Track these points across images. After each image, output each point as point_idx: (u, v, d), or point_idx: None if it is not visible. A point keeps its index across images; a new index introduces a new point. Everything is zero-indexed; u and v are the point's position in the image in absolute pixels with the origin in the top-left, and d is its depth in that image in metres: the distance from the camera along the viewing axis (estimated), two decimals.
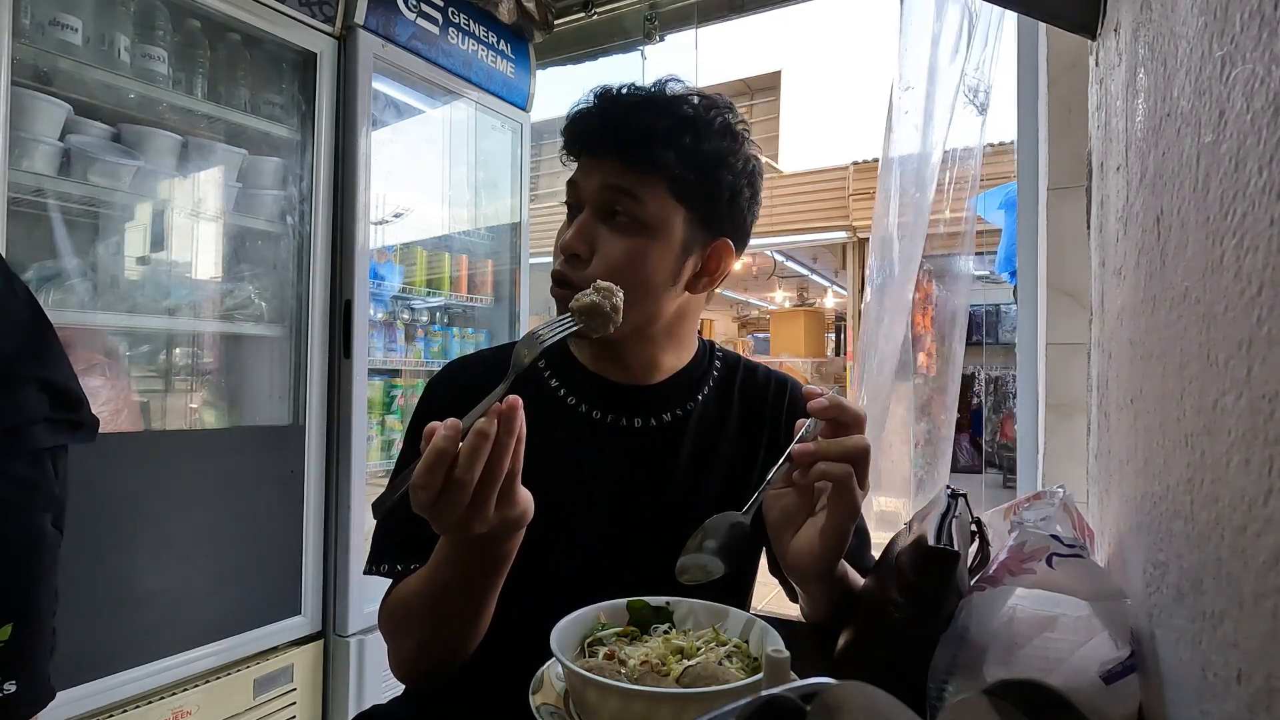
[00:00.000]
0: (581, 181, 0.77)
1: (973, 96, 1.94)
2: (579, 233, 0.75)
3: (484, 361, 0.86)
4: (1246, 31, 0.29)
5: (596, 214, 0.76)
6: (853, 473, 0.59)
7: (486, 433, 0.53)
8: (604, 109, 0.77)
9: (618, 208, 0.75)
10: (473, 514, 0.55)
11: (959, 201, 2.25)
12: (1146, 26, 0.49)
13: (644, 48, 2.79)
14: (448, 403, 0.77)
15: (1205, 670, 0.33)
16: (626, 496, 0.78)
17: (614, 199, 0.75)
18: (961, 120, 1.99)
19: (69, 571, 1.39)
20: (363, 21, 1.90)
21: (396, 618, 0.72)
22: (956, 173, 2.18)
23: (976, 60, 1.92)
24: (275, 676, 1.76)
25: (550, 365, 0.84)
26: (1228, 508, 0.30)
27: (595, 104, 0.78)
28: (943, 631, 0.51)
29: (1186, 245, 0.38)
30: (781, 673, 0.41)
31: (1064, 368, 1.29)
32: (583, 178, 0.77)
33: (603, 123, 0.76)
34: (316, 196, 1.86)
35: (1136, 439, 0.51)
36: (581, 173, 0.77)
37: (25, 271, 1.47)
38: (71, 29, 1.48)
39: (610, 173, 0.75)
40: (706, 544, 0.59)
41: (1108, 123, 0.70)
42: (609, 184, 0.75)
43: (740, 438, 0.83)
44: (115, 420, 1.54)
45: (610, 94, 0.78)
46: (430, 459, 0.53)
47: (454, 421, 0.54)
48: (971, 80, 1.93)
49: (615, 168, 0.74)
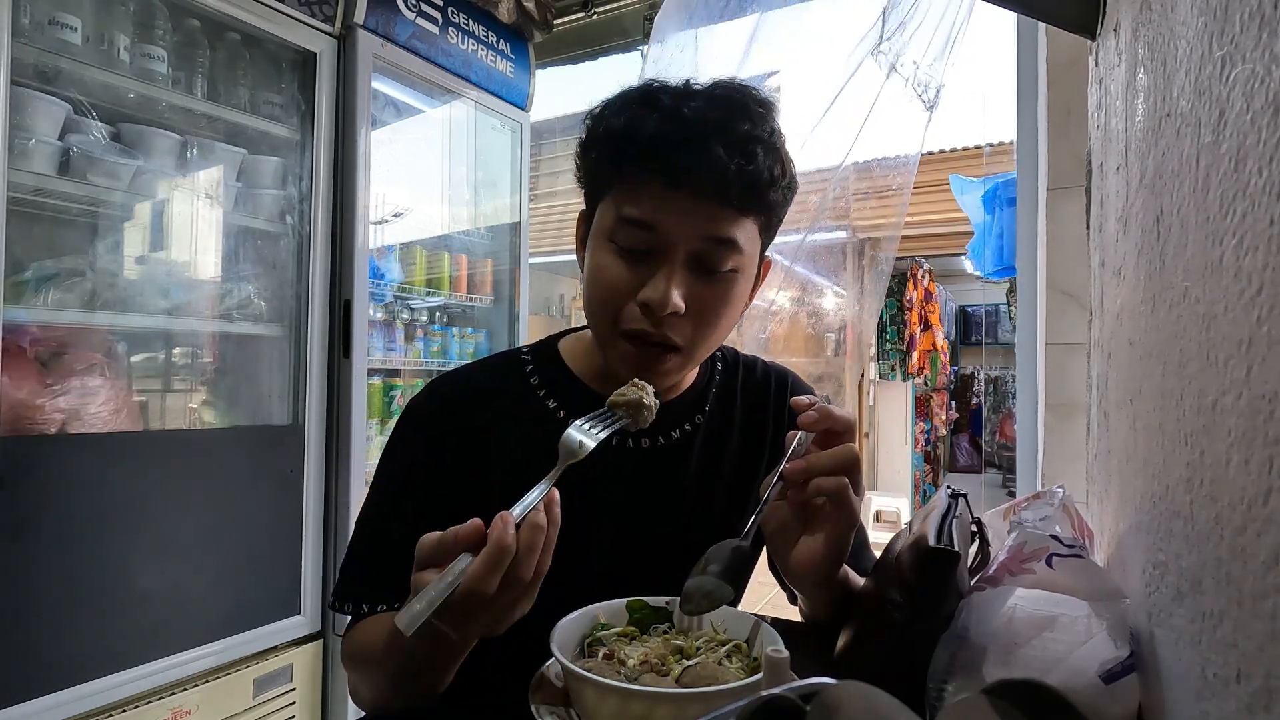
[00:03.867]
0: (669, 227, 0.64)
1: (920, 92, 1.92)
2: (682, 291, 0.65)
3: (469, 381, 0.78)
4: (1246, 31, 0.29)
5: (689, 263, 0.66)
6: (847, 484, 0.59)
7: (542, 527, 0.50)
8: (710, 136, 0.63)
9: (722, 264, 0.66)
10: (510, 613, 0.52)
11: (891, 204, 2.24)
12: (1146, 26, 0.49)
13: (643, 48, 2.79)
14: (437, 437, 0.73)
15: (1205, 670, 0.33)
16: (634, 519, 0.75)
17: (716, 252, 0.66)
18: (904, 118, 1.97)
19: (69, 571, 1.40)
20: (362, 21, 1.90)
21: (357, 660, 0.68)
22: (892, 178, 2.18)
23: (930, 55, 1.89)
24: (275, 676, 1.76)
25: (547, 385, 0.77)
26: (1227, 507, 0.30)
27: (692, 126, 0.63)
28: (942, 632, 0.51)
29: (1186, 245, 0.38)
30: (781, 673, 0.41)
31: (1063, 368, 1.29)
32: (675, 223, 0.64)
33: (710, 160, 0.63)
34: (316, 196, 1.86)
35: (1136, 439, 0.51)
36: (671, 215, 0.64)
37: (25, 271, 1.47)
38: (71, 28, 1.48)
39: (713, 222, 0.64)
40: (710, 569, 0.57)
41: (1107, 123, 0.70)
42: (712, 235, 0.65)
43: (745, 444, 0.81)
44: (115, 420, 1.54)
45: (706, 115, 0.64)
46: (493, 557, 0.48)
47: (507, 515, 0.50)
48: (924, 76, 1.90)
49: (719, 215, 0.65)
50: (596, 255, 0.69)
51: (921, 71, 1.88)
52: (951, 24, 1.90)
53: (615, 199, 0.67)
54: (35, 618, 1.35)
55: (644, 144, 0.64)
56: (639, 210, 0.65)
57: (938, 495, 0.64)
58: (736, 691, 0.48)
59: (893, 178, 2.22)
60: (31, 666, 1.34)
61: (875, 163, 2.22)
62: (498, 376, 0.78)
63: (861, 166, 2.16)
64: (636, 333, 0.67)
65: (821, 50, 2.07)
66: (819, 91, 2.02)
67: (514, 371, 0.79)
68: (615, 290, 0.67)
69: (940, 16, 1.88)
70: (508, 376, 0.78)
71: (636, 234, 0.65)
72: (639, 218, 0.65)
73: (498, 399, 0.76)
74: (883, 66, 1.88)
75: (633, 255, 0.66)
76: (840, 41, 1.98)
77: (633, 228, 0.65)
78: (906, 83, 1.88)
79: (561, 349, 0.81)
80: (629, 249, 0.66)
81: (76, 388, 1.48)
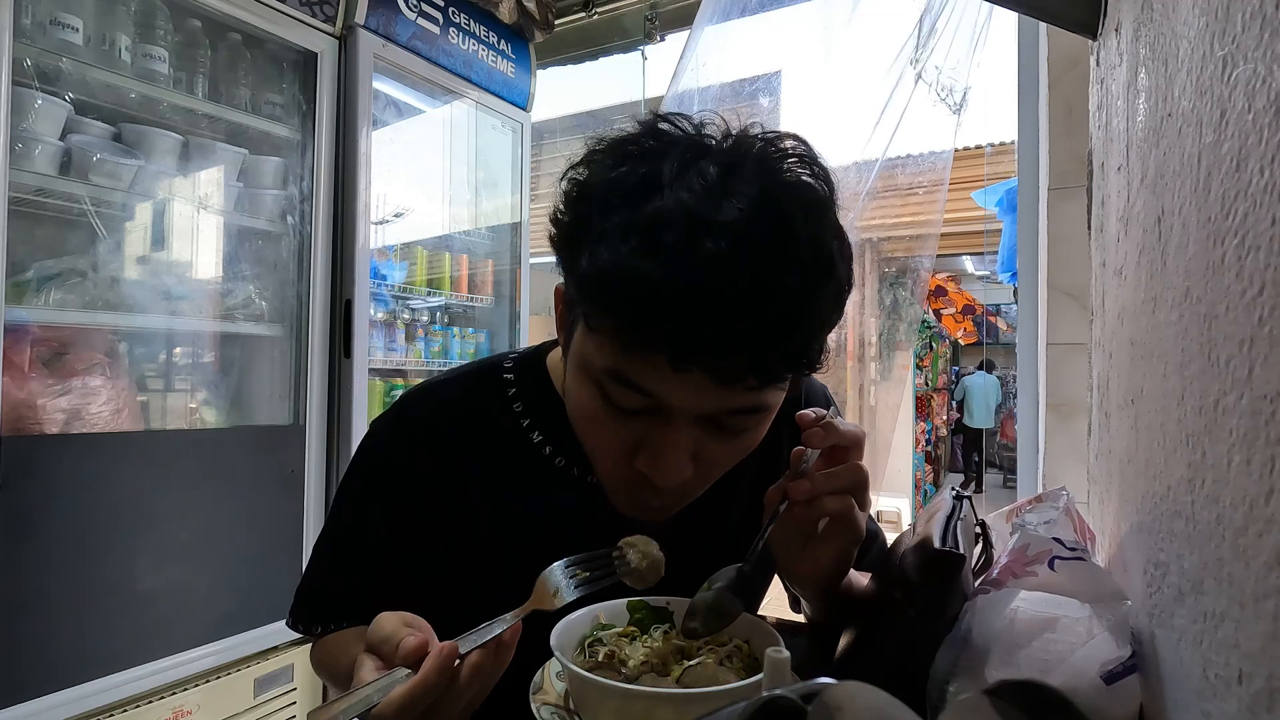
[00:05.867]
0: (674, 401, 0.50)
1: (945, 96, 1.93)
2: (691, 451, 0.53)
3: (444, 404, 0.68)
4: (1248, 32, 0.28)
5: (701, 423, 0.53)
6: (853, 504, 0.58)
7: (483, 669, 0.44)
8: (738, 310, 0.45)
9: (741, 425, 0.54)
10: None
11: (923, 203, 2.26)
12: (1147, 26, 0.49)
13: (644, 48, 2.80)
14: (405, 464, 0.66)
15: (1206, 671, 0.33)
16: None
17: (735, 419, 0.53)
18: (932, 121, 1.99)
19: (69, 571, 1.40)
20: (363, 21, 1.91)
21: (323, 669, 0.68)
22: (926, 176, 2.19)
23: (954, 59, 1.91)
24: (275, 676, 1.76)
25: (530, 412, 0.68)
26: (1229, 508, 0.30)
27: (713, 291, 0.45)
28: (946, 633, 0.51)
29: (1188, 245, 0.38)
30: (781, 673, 0.41)
31: (1064, 368, 1.29)
32: (681, 399, 0.50)
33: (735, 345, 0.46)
34: (317, 196, 1.86)
35: (1137, 439, 0.51)
36: (674, 392, 0.49)
37: (25, 271, 1.47)
38: (72, 28, 1.48)
39: (732, 397, 0.50)
40: (716, 585, 0.56)
41: (1108, 123, 0.70)
42: (731, 409, 0.52)
43: (759, 466, 0.69)
44: (115, 420, 1.54)
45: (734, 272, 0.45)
46: (420, 689, 0.42)
47: (452, 647, 0.43)
48: (947, 79, 1.92)
49: (739, 391, 0.50)
50: (578, 389, 0.55)
51: (945, 75, 1.89)
52: (973, 25, 1.91)
53: (598, 344, 0.51)
54: (36, 617, 1.35)
55: (643, 311, 0.46)
56: (636, 377, 0.50)
57: (941, 496, 0.64)
58: (737, 692, 0.48)
59: (925, 178, 2.23)
60: (32, 666, 1.35)
61: (902, 161, 2.22)
62: (476, 397, 0.69)
63: (888, 165, 2.16)
64: (649, 504, 0.58)
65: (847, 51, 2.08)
66: (851, 99, 2.03)
67: (495, 393, 0.69)
68: (606, 445, 0.56)
69: (960, 19, 1.89)
70: (488, 399, 0.68)
71: (629, 396, 0.51)
72: (635, 384, 0.50)
73: (476, 425, 0.67)
74: (914, 75, 1.89)
75: (624, 410, 0.52)
76: (866, 49, 1.99)
77: (625, 389, 0.51)
78: (930, 88, 1.90)
79: (550, 365, 0.70)
80: (619, 405, 0.52)
81: (78, 387, 1.48)
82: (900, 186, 2.33)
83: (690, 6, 2.58)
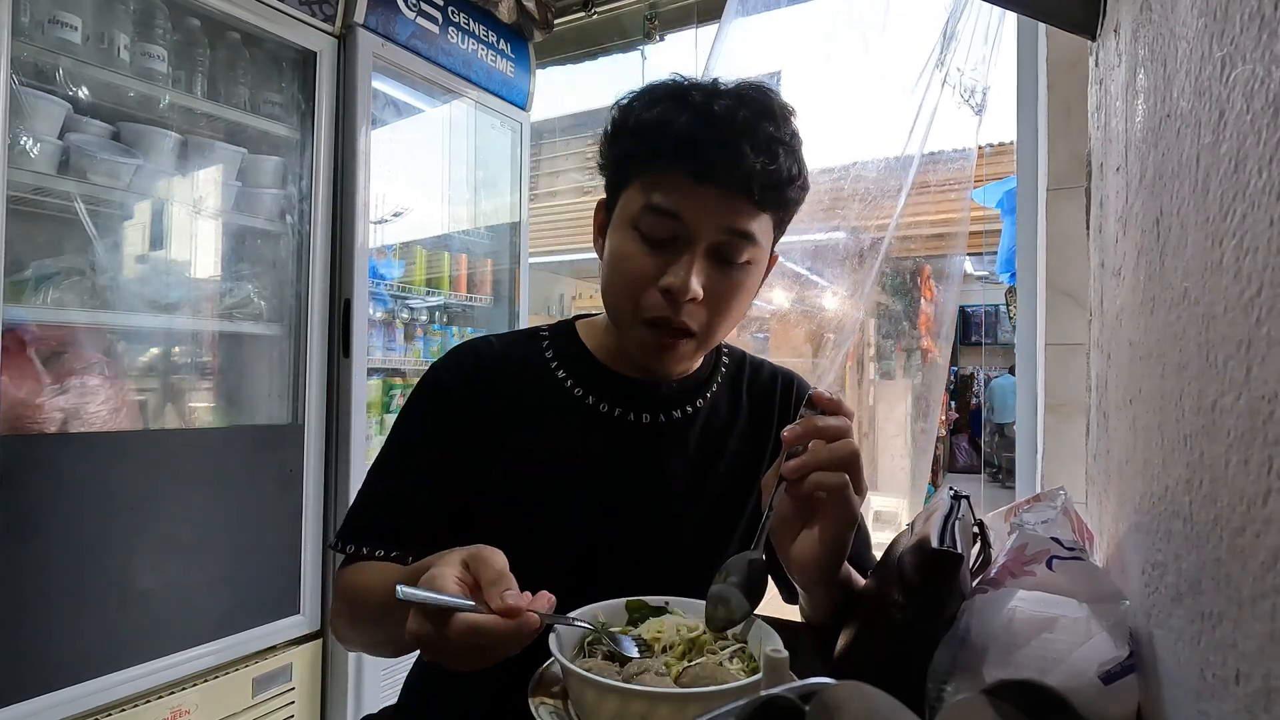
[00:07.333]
0: (693, 217, 0.67)
1: (968, 97, 1.95)
2: (701, 279, 0.68)
3: (495, 355, 0.81)
4: (1246, 32, 0.29)
5: (709, 254, 0.69)
6: (847, 481, 0.59)
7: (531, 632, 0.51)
8: (738, 135, 0.66)
9: (739, 255, 0.70)
10: (446, 659, 0.51)
11: (953, 202, 2.27)
12: (1146, 27, 0.49)
13: (644, 47, 2.79)
14: (453, 401, 0.77)
15: (1204, 671, 0.33)
16: (628, 489, 0.77)
17: (735, 244, 0.69)
18: (956, 121, 2.00)
19: (66, 570, 1.39)
20: (362, 20, 1.90)
21: (349, 595, 0.71)
22: (950, 174, 2.20)
23: (973, 60, 1.92)
24: (274, 675, 1.76)
25: (561, 360, 0.82)
26: (1226, 508, 0.30)
27: (721, 124, 0.67)
28: (944, 633, 0.51)
29: (1186, 246, 0.38)
30: (781, 673, 0.41)
31: (1063, 368, 1.29)
32: (699, 214, 0.67)
33: (737, 157, 0.66)
34: (316, 195, 1.86)
35: (1135, 439, 0.51)
36: (696, 206, 0.67)
37: (25, 270, 1.47)
38: (71, 27, 1.48)
39: (735, 214, 0.68)
40: (730, 580, 0.58)
41: (1107, 123, 0.70)
42: (733, 228, 0.68)
43: (748, 437, 0.83)
44: (114, 419, 1.54)
45: (734, 114, 0.67)
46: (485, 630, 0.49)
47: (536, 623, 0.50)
48: (969, 81, 1.93)
49: (741, 208, 0.68)
50: (619, 242, 0.72)
51: (966, 76, 1.90)
52: (988, 26, 1.91)
53: (641, 188, 0.70)
54: (34, 616, 1.35)
55: (675, 137, 0.67)
56: (666, 200, 0.68)
57: (940, 496, 0.64)
58: (736, 692, 0.48)
59: (953, 177, 2.24)
60: (31, 665, 1.34)
61: (930, 158, 2.23)
62: (516, 349, 0.83)
63: (924, 160, 2.18)
64: (655, 319, 0.70)
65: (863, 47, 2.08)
66: (883, 100, 2.04)
67: (532, 346, 0.83)
68: (637, 276, 0.70)
69: (977, 20, 1.89)
70: (526, 350, 0.83)
71: (661, 222, 0.68)
72: (665, 207, 0.68)
73: (514, 370, 0.80)
74: (939, 79, 1.90)
75: (655, 243, 0.69)
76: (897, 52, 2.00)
77: (658, 216, 0.68)
78: (954, 90, 1.91)
79: (579, 328, 0.86)
80: (652, 237, 0.69)
81: (76, 386, 1.48)
82: (931, 185, 2.35)
83: (690, 6, 2.58)
